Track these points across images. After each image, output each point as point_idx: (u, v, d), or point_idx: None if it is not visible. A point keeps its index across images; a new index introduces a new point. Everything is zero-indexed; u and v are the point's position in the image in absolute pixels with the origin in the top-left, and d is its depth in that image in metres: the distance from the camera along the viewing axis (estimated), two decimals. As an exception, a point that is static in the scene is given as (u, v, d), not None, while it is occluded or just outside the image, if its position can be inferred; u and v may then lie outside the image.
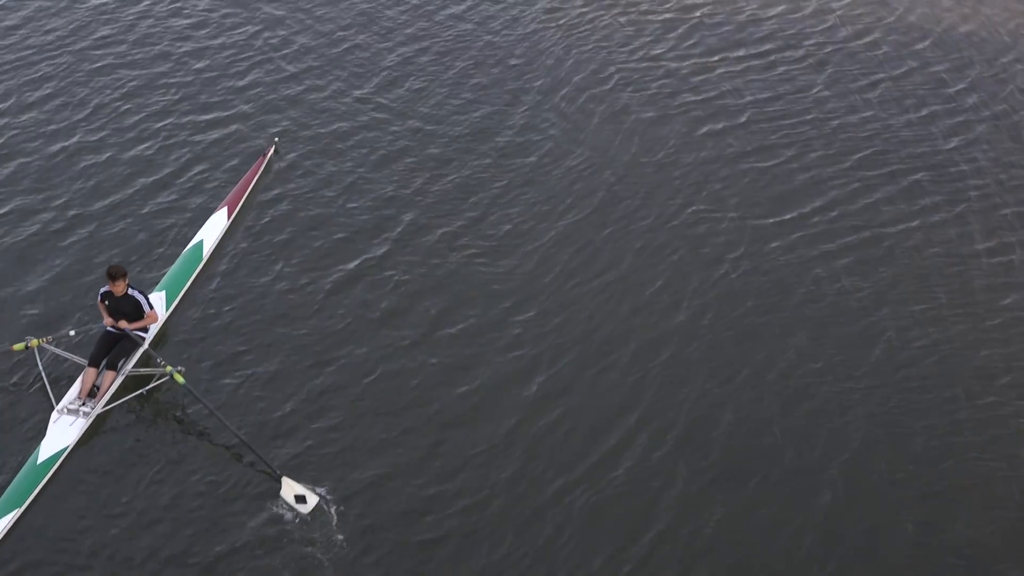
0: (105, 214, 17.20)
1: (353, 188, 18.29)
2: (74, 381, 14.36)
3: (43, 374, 14.26)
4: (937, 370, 15.92)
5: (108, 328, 14.50)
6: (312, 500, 13.51)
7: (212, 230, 16.82)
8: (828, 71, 22.27)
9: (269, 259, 16.81)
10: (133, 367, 14.62)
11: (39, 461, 13.27)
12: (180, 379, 14.06)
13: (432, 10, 23.02)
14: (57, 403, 13.99)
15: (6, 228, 16.79)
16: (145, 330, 14.76)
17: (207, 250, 16.51)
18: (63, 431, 13.66)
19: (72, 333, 14.61)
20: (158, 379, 14.37)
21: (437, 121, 19.90)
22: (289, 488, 13.59)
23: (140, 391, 14.32)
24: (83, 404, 14.00)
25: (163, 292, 15.63)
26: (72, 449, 13.60)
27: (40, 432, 13.71)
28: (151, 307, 14.53)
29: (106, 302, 14.43)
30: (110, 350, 14.41)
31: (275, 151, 18.70)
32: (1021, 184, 19.73)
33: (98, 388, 14.23)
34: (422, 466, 14.00)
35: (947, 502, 14.13)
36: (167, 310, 15.50)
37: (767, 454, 14.47)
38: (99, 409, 14.05)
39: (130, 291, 14.36)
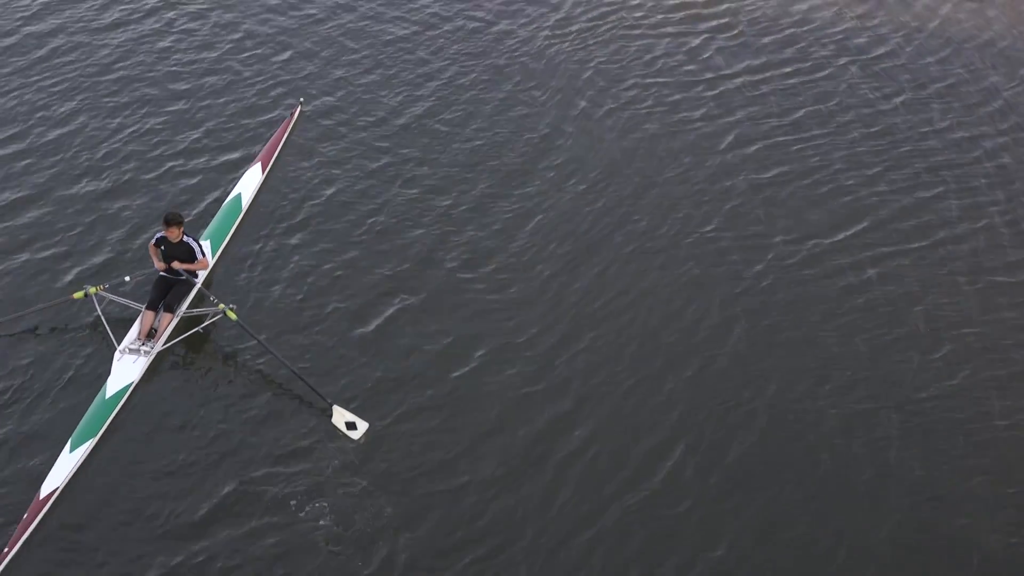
0: (147, 171, 18.10)
1: (373, 143, 19.31)
2: (132, 324, 15.24)
3: (103, 319, 15.12)
4: (971, 382, 15.84)
5: (161, 273, 15.40)
6: (362, 427, 14.38)
7: (249, 183, 17.71)
8: (851, 81, 21.91)
9: (302, 208, 17.74)
10: (188, 308, 15.54)
11: (107, 396, 14.17)
12: (232, 315, 14.99)
13: (449, 19, 22.79)
14: (118, 344, 14.89)
15: (57, 188, 17.66)
16: (195, 274, 15.64)
17: (246, 202, 17.41)
18: (127, 368, 14.57)
19: (127, 279, 15.43)
20: (212, 317, 15.29)
21: (457, 105, 20.43)
22: (340, 416, 14.46)
23: (196, 329, 15.23)
24: (143, 344, 14.90)
25: (207, 241, 16.48)
26: (136, 385, 14.52)
27: (105, 371, 14.59)
28: (203, 254, 15.41)
29: (161, 247, 15.30)
30: (166, 294, 15.32)
31: (300, 111, 19.60)
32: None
33: (155, 330, 15.12)
34: (462, 427, 14.63)
35: (991, 518, 14.15)
36: (213, 257, 16.39)
37: (799, 469, 14.40)
38: (159, 348, 14.95)
39: (185, 238, 15.23)
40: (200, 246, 15.37)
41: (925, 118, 21.17)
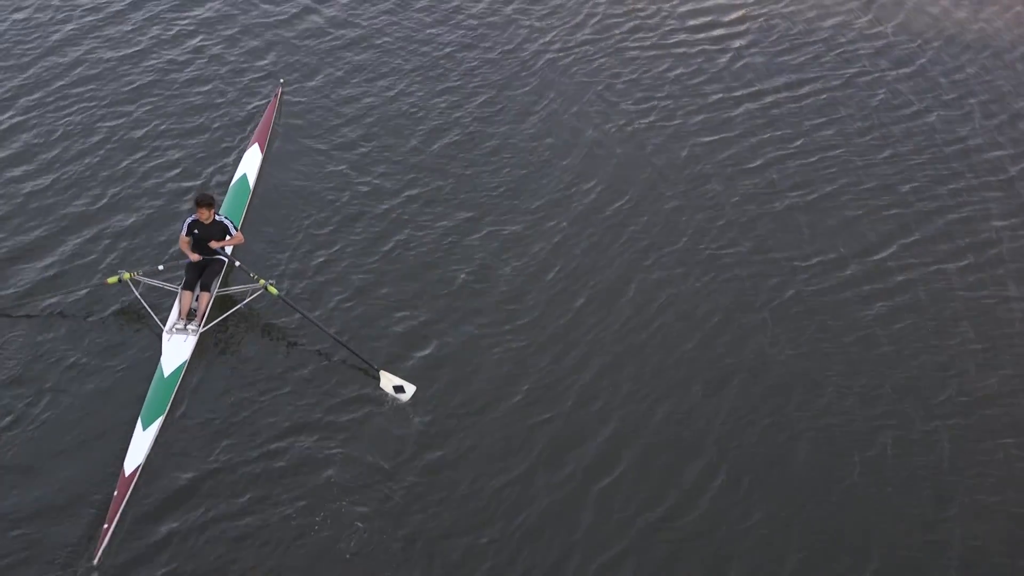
0: (150, 162, 18.42)
1: (366, 116, 20.04)
2: (167, 306, 15.48)
3: (143, 302, 15.34)
4: (1005, 392, 15.83)
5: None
6: (410, 389, 14.90)
7: (251, 164, 18.08)
8: (884, 94, 21.73)
9: (307, 182, 18.31)
10: (229, 286, 15.85)
11: (165, 375, 14.46)
12: (274, 290, 15.39)
13: (461, 26, 22.88)
14: (163, 325, 15.16)
15: (77, 180, 17.89)
16: (224, 251, 15.98)
17: (252, 180, 17.78)
18: (178, 348, 14.85)
19: (160, 268, 15.65)
20: (253, 293, 15.64)
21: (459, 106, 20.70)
22: (387, 380, 14.98)
23: (239, 306, 15.58)
24: (187, 324, 15.20)
25: (229, 220, 16.88)
26: (189, 362, 14.84)
27: (156, 351, 14.86)
28: (237, 229, 15.76)
29: (194, 231, 15.59)
30: (201, 274, 15.61)
31: (282, 92, 20.03)
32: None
33: (195, 310, 15.38)
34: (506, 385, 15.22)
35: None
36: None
37: (829, 480, 14.41)
38: (203, 327, 15.29)
39: (217, 217, 15.56)
40: (232, 222, 15.71)
41: (962, 131, 20.95)
